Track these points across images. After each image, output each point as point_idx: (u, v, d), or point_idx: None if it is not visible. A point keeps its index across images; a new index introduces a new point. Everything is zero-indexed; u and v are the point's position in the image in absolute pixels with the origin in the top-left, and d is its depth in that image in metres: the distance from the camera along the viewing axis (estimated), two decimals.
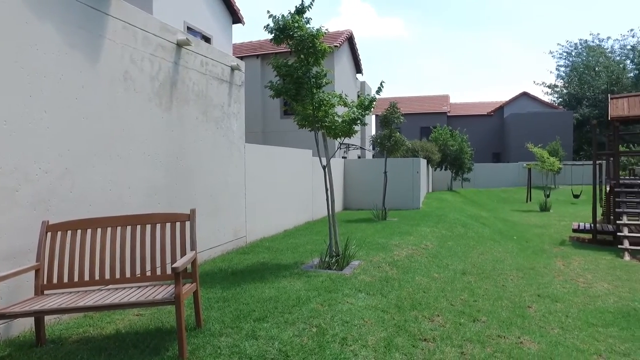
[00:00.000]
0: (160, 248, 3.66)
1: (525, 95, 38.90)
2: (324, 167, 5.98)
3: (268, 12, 5.89)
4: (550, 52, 62.47)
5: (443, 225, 10.49)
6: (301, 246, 7.47)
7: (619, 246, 9.75)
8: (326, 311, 4.19)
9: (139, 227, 3.66)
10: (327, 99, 5.79)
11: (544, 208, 18.85)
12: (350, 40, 21.98)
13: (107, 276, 3.59)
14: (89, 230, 3.62)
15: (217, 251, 6.78)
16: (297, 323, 3.87)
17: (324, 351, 3.40)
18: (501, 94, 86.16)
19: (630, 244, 9.61)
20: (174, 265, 3.02)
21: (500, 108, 38.86)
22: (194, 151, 6.15)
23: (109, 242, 3.62)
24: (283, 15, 5.85)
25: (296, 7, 5.95)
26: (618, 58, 38.82)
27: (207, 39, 14.49)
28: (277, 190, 9.24)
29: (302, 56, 5.70)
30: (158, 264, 3.70)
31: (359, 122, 5.99)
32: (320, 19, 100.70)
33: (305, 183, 10.88)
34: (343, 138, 6.20)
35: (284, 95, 5.89)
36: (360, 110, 6.03)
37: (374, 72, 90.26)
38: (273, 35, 5.83)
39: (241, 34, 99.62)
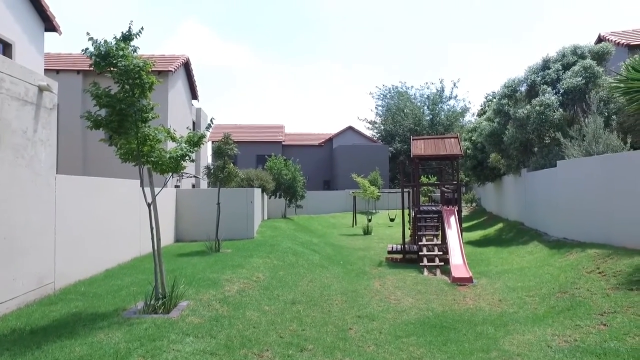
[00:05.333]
0: None
1: (350, 129, 43.75)
2: (148, 205, 5.60)
3: (88, 34, 5.35)
4: (371, 93, 72.06)
5: (275, 255, 10.81)
6: (124, 288, 6.78)
7: (420, 264, 11.56)
8: None
9: None
10: (153, 134, 5.48)
11: (367, 232, 21.09)
12: (186, 65, 21.48)
13: None
14: None
15: (12, 305, 5.66)
16: None
17: None
18: (331, 126, 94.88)
19: (428, 261, 11.50)
20: None
21: (330, 140, 42.76)
22: None
23: None
24: (106, 41, 5.36)
25: (122, 33, 5.53)
26: (419, 104, 47.19)
27: (6, 45, 12.24)
28: (97, 225, 8.27)
29: (127, 87, 5.33)
30: None
31: (187, 158, 5.83)
32: (156, 39, 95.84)
33: (132, 216, 10.00)
34: (171, 173, 5.95)
35: (104, 127, 5.35)
36: (188, 147, 5.89)
37: (213, 98, 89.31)
38: (93, 61, 5.31)
39: (59, 45, 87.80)
